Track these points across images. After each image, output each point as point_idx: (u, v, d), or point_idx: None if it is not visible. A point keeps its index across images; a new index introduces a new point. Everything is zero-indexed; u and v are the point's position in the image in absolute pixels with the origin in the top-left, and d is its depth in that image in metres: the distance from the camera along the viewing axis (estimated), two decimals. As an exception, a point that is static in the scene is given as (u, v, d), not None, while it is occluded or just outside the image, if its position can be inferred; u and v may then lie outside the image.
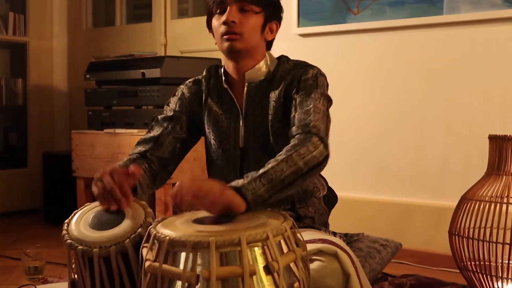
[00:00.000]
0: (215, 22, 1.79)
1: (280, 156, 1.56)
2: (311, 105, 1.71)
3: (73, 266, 1.61)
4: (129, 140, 3.32)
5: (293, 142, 1.62)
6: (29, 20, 4.41)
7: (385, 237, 2.07)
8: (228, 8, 1.75)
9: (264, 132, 1.80)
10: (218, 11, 1.78)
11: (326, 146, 1.62)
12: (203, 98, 1.89)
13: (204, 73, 1.93)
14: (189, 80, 1.95)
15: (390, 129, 3.16)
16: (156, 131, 1.87)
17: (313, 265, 1.56)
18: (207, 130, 1.89)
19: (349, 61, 3.28)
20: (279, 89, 1.79)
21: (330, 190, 1.98)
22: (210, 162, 1.92)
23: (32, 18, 4.44)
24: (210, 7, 1.81)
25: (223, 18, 1.75)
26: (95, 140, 3.52)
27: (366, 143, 3.24)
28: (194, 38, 3.94)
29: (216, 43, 1.83)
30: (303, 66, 1.82)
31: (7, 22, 4.30)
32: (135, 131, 3.35)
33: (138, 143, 1.86)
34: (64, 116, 4.76)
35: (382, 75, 3.18)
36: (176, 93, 1.94)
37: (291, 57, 1.92)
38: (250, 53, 1.80)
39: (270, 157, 1.60)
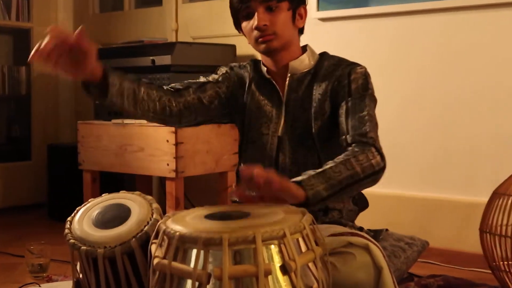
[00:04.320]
0: (246, 26, 1.84)
1: (339, 159, 1.62)
2: (365, 112, 1.76)
3: (78, 265, 1.58)
4: (138, 131, 3.29)
5: (351, 149, 1.68)
6: (32, 5, 4.36)
7: (410, 235, 2.05)
8: (256, 12, 1.79)
9: (303, 124, 1.84)
10: (245, 15, 1.83)
11: (382, 158, 1.68)
12: (247, 83, 1.93)
13: (248, 62, 1.98)
14: (232, 64, 2.00)
15: (415, 116, 3.14)
16: (205, 79, 1.92)
17: (343, 258, 1.58)
18: (247, 113, 1.92)
19: (369, 46, 3.29)
20: (326, 84, 1.84)
21: (359, 194, 1.99)
22: (245, 145, 1.94)
23: (36, 2, 4.39)
24: (236, 10, 1.85)
25: (254, 23, 1.80)
26: (102, 131, 3.49)
27: (390, 132, 3.11)
28: (207, 23, 3.93)
29: (249, 43, 1.86)
30: (349, 63, 1.86)
31: (10, 7, 4.25)
32: (144, 121, 3.23)
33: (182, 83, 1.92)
34: (70, 106, 4.74)
35: (405, 60, 3.18)
36: (218, 71, 1.96)
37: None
38: (286, 46, 1.85)
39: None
